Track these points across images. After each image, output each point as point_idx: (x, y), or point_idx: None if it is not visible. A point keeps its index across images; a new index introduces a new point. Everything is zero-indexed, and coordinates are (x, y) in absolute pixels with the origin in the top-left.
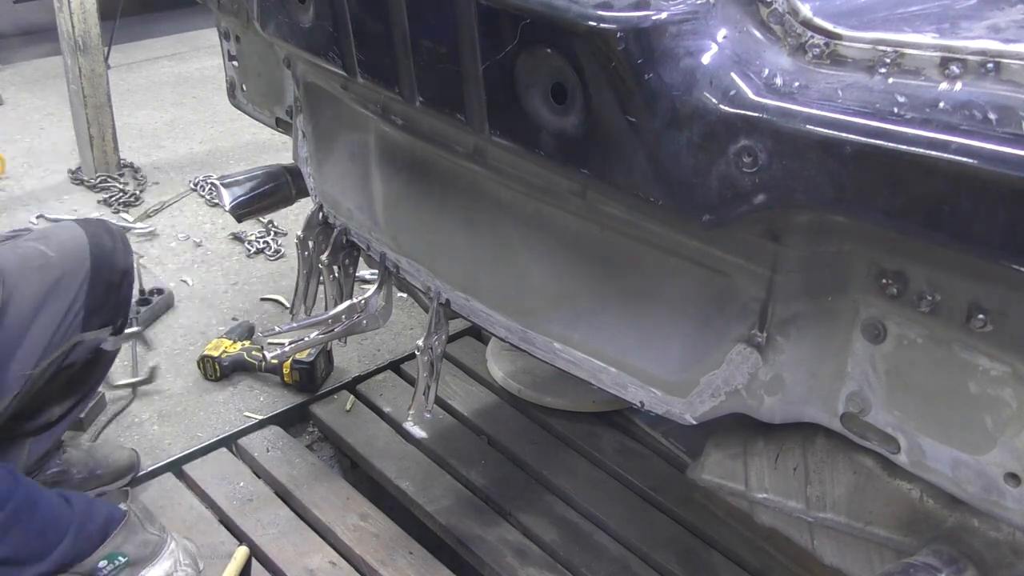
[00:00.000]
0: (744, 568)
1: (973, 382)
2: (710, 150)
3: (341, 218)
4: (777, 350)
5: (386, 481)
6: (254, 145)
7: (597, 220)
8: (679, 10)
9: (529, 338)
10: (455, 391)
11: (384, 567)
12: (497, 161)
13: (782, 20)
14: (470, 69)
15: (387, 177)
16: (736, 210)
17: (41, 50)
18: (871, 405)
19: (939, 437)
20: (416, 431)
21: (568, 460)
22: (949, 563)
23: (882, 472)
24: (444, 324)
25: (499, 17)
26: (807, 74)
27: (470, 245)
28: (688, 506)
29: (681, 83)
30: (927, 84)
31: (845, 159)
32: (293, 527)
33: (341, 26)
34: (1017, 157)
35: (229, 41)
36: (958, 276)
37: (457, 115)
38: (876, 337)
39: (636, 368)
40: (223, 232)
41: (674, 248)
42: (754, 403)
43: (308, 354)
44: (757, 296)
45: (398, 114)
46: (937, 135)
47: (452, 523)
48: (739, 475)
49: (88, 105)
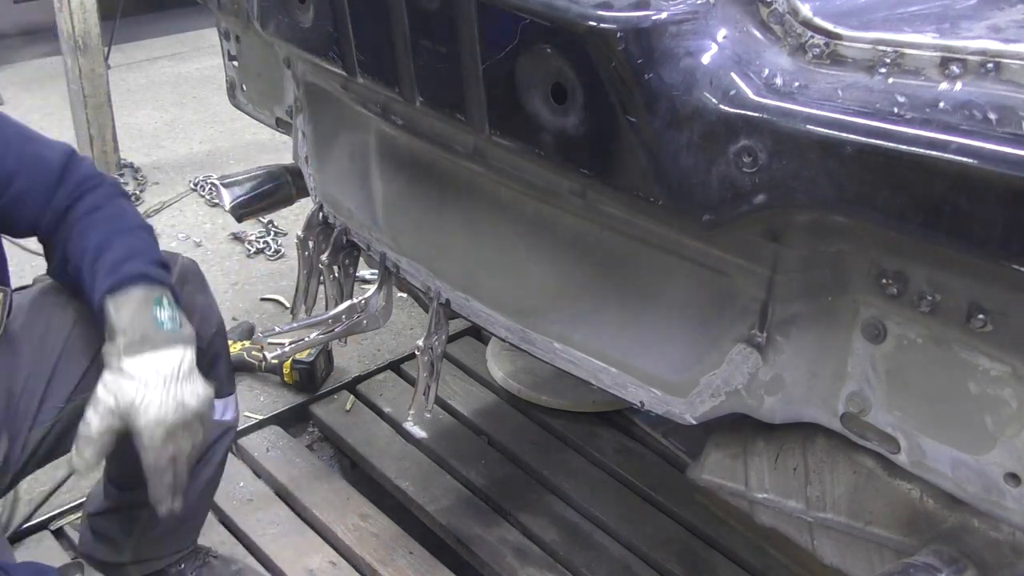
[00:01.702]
0: (744, 568)
1: (973, 382)
2: (710, 150)
3: (341, 218)
4: (777, 350)
5: (386, 481)
6: (254, 145)
7: (597, 220)
8: (679, 10)
9: (529, 338)
10: (455, 391)
11: (384, 567)
12: (497, 161)
13: (782, 20)
14: (470, 69)
15: (387, 177)
16: (736, 210)
17: (41, 50)
18: (871, 405)
19: (939, 437)
20: (416, 431)
21: (568, 460)
22: (949, 563)
23: (882, 472)
24: (444, 324)
25: (499, 17)
26: (807, 74)
27: (470, 245)
28: (688, 506)
29: (681, 83)
30: (927, 84)
31: (845, 159)
32: (293, 527)
33: (341, 26)
34: (1017, 157)
35: (229, 41)
36: (958, 276)
37: (457, 115)
38: (876, 337)
39: (636, 368)
40: (223, 232)
41: (674, 248)
42: (754, 403)
43: (308, 354)
44: (757, 296)
45: (398, 114)
46: (937, 135)
47: (452, 523)
48: (739, 475)
49: (88, 105)
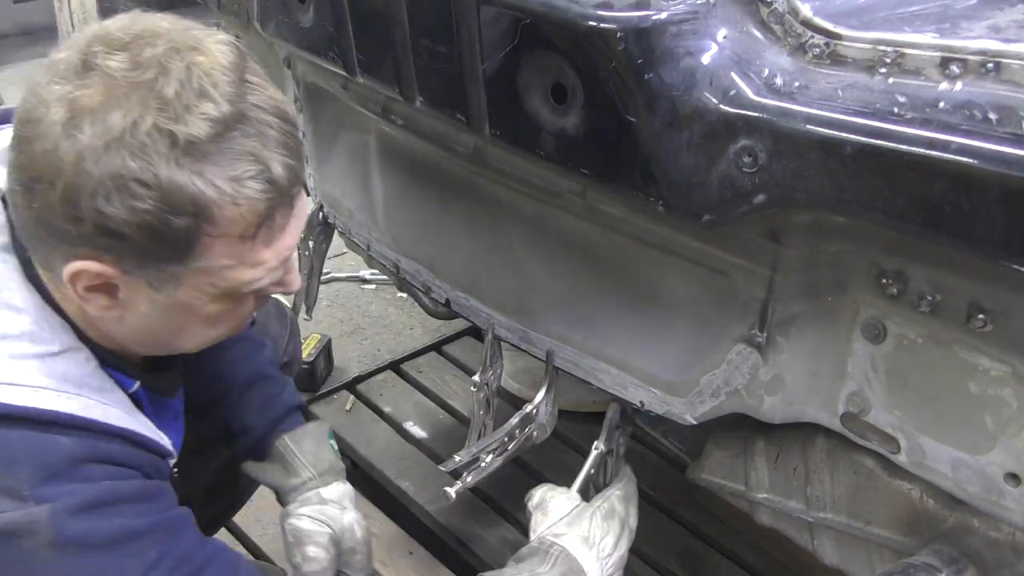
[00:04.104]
0: (744, 568)
1: (973, 382)
2: (710, 150)
3: (341, 218)
4: (777, 350)
5: (386, 481)
6: None
7: (597, 220)
8: (679, 10)
9: (529, 338)
10: (455, 391)
11: (384, 567)
12: (497, 161)
13: (782, 20)
14: (470, 69)
15: (387, 177)
16: (736, 210)
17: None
18: (871, 405)
19: (939, 437)
20: (416, 431)
21: (568, 460)
22: (949, 563)
23: (882, 472)
24: (499, 357)
25: (499, 17)
26: (807, 74)
27: (470, 245)
28: (688, 506)
29: (681, 83)
30: (927, 84)
31: (845, 159)
32: None
33: (341, 26)
34: (1017, 157)
35: None
36: (958, 276)
37: (457, 115)
38: (876, 337)
39: (636, 368)
40: None
41: (674, 248)
42: (754, 403)
43: (308, 354)
44: (757, 296)
45: (398, 114)
46: (937, 135)
47: (452, 523)
48: (739, 475)
49: None
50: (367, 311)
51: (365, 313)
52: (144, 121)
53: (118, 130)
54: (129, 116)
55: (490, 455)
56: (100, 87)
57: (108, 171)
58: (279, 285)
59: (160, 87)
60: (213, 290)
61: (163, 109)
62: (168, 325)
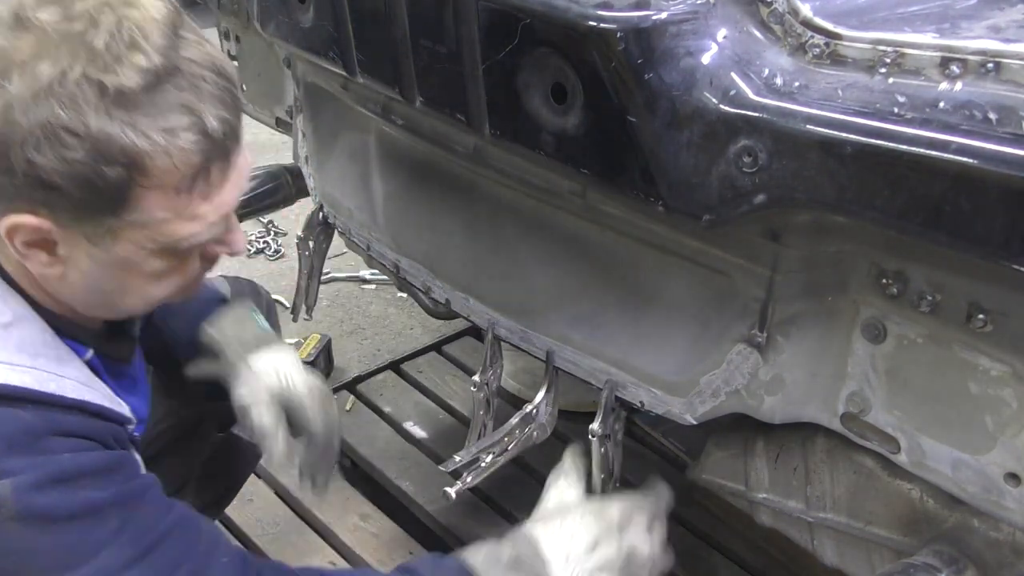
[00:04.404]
0: (744, 568)
1: (973, 382)
2: (710, 150)
3: (341, 218)
4: (777, 350)
5: (386, 481)
6: (254, 145)
7: (597, 220)
8: (679, 10)
9: (529, 338)
10: (455, 391)
11: (384, 567)
12: (497, 161)
13: (782, 20)
14: (470, 69)
15: (387, 177)
16: (736, 210)
17: None
18: (871, 405)
19: (939, 437)
20: (416, 431)
21: None
22: (949, 563)
23: (882, 472)
24: (499, 357)
25: (499, 17)
26: (807, 74)
27: (470, 245)
28: (688, 506)
29: (681, 83)
30: (927, 84)
31: (845, 159)
32: (293, 527)
33: (341, 26)
34: (1017, 157)
35: (229, 41)
36: (958, 276)
37: (457, 115)
38: (876, 337)
39: (636, 368)
40: None
41: (674, 248)
42: (754, 403)
43: (308, 354)
44: (757, 296)
45: (398, 114)
46: (937, 135)
47: (452, 523)
48: (739, 475)
49: None
50: (367, 311)
51: (365, 313)
52: (73, 71)
53: (46, 80)
54: (58, 66)
55: (490, 455)
56: (31, 39)
57: (37, 120)
58: (222, 244)
59: (90, 38)
60: (152, 245)
61: (93, 60)
62: (111, 283)
